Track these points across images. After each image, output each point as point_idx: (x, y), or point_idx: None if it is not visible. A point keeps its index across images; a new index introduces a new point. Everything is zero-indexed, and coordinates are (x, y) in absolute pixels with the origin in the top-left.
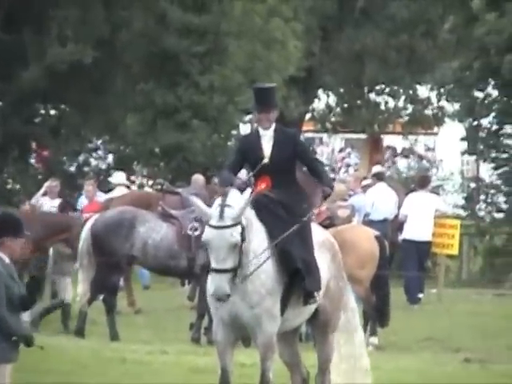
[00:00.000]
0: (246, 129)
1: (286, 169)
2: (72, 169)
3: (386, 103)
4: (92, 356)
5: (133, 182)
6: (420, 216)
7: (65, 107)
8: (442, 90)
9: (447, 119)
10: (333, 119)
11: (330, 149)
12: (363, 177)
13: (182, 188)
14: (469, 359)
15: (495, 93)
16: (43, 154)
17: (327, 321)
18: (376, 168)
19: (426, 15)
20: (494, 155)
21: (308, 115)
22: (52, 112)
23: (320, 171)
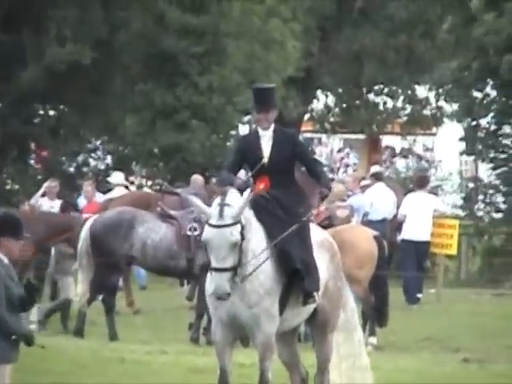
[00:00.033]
0: (245, 129)
1: (285, 169)
2: (71, 169)
3: (385, 103)
4: (91, 356)
5: (132, 183)
6: (419, 216)
7: (64, 108)
8: (441, 90)
9: (446, 119)
10: (331, 119)
11: (329, 149)
12: (362, 177)
13: (181, 188)
14: (468, 359)
15: (494, 93)
16: (42, 155)
17: (326, 321)
18: (374, 168)
19: (425, 15)
20: (493, 155)
21: (307, 115)
22: (51, 112)
23: (319, 172)
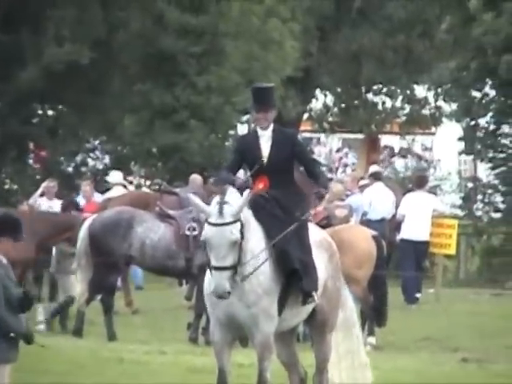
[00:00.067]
0: (244, 129)
1: (284, 169)
2: (69, 169)
3: (384, 103)
4: (90, 356)
5: (130, 182)
6: (417, 216)
7: (62, 107)
8: (440, 90)
9: (444, 119)
10: (330, 119)
11: (328, 149)
12: (360, 177)
13: (180, 188)
14: (466, 359)
15: (492, 93)
16: (41, 155)
17: (325, 321)
18: (373, 168)
19: (423, 15)
20: (492, 155)
21: (305, 115)
22: (49, 112)
23: (317, 172)
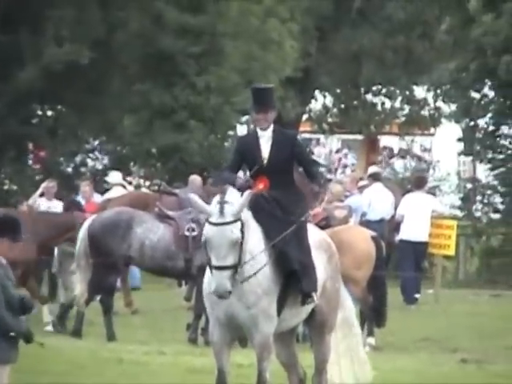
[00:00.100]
0: (243, 129)
1: (284, 170)
2: (69, 169)
3: (383, 104)
4: (89, 356)
5: (130, 183)
6: (417, 217)
7: (61, 108)
8: (439, 91)
9: (444, 120)
10: (330, 120)
11: (327, 150)
12: (360, 178)
13: (179, 189)
14: (465, 360)
15: (492, 94)
16: (40, 155)
17: (324, 321)
18: (372, 168)
19: (423, 16)
20: (491, 156)
21: (305, 116)
22: (49, 113)
23: (313, 171)
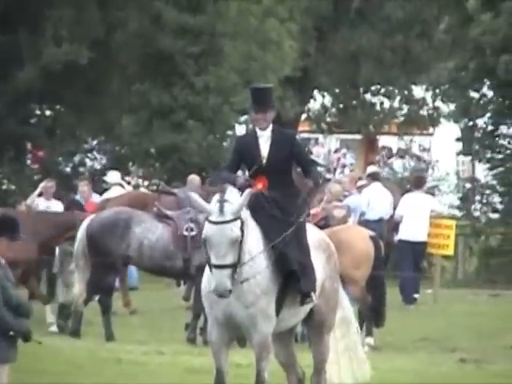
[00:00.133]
0: (242, 129)
1: (283, 169)
2: (67, 169)
3: (382, 104)
4: (87, 356)
5: (128, 183)
6: (415, 216)
7: (60, 108)
8: (438, 91)
9: (442, 120)
10: (328, 119)
11: (326, 149)
12: (358, 177)
13: (178, 188)
14: (464, 359)
15: (490, 93)
16: (39, 155)
17: (322, 321)
18: (371, 168)
19: (421, 16)
20: (490, 156)
21: (303, 115)
22: (47, 112)
23: (312, 171)
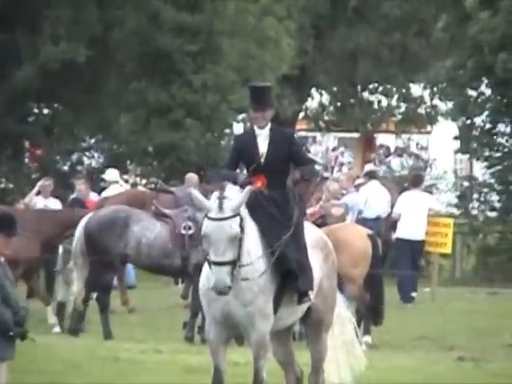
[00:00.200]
0: (240, 128)
1: (281, 168)
2: (65, 168)
3: (379, 102)
4: (85, 355)
5: (126, 181)
6: (413, 215)
7: (58, 106)
8: (436, 89)
9: (440, 118)
10: (326, 118)
11: (324, 148)
12: (356, 176)
13: (176, 187)
14: (462, 358)
15: (488, 91)
16: (36, 153)
17: (320, 320)
18: (368, 166)
19: (419, 14)
20: (488, 154)
21: (301, 114)
22: (45, 111)
23: (308, 168)
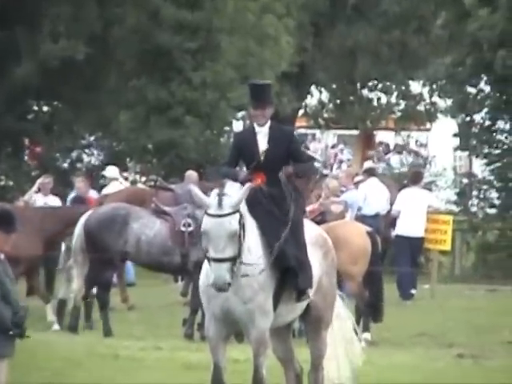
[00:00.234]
0: (239, 125)
1: (281, 166)
2: (65, 165)
3: (379, 99)
4: (85, 352)
5: (126, 179)
6: (413, 212)
7: (57, 103)
8: (435, 86)
9: (440, 115)
10: (325, 115)
11: (323, 145)
12: (355, 173)
13: (175, 184)
14: (462, 355)
15: (488, 88)
16: (36, 151)
17: (320, 317)
18: (367, 163)
19: (418, 11)
20: (487, 151)
21: (301, 111)
22: (45, 108)
23: (306, 164)
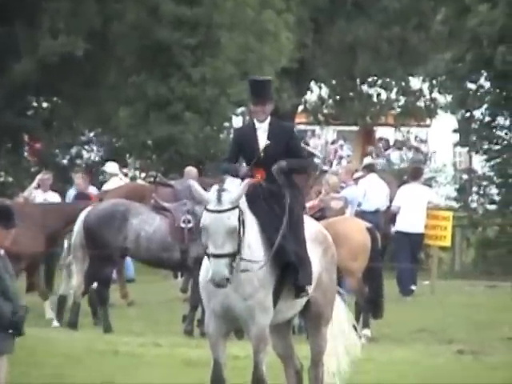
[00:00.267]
0: (239, 121)
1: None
2: (64, 161)
3: (379, 95)
4: (85, 348)
5: (125, 175)
6: (413, 208)
7: (57, 100)
8: (435, 82)
9: (439, 111)
10: (325, 111)
11: (323, 141)
12: (355, 169)
13: (175, 180)
14: (462, 351)
15: (488, 84)
16: (36, 147)
17: (319, 313)
18: (367, 159)
19: (419, 7)
20: (487, 147)
21: (300, 107)
22: (44, 104)
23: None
